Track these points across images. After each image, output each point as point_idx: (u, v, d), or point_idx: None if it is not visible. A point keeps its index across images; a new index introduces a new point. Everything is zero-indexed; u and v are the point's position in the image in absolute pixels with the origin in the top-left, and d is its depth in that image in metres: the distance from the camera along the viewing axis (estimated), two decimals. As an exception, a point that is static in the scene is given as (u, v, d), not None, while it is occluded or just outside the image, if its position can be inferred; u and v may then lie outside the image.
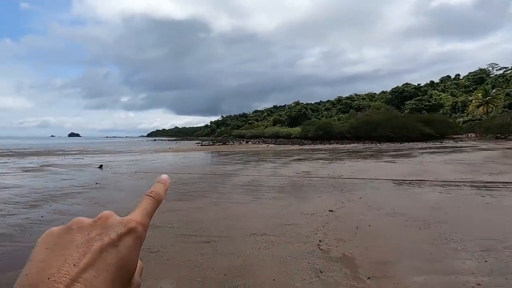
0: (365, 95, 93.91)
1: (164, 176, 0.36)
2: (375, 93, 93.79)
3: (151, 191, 0.34)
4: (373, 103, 71.74)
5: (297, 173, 9.60)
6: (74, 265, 0.24)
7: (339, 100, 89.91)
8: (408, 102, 64.16)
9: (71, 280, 0.23)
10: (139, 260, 0.29)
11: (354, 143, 38.84)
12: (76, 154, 21.99)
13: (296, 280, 2.50)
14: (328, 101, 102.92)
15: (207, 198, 5.99)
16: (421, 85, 77.96)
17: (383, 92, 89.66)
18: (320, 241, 3.38)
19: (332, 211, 4.70)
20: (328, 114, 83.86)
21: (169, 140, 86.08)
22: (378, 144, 34.59)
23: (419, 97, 64.46)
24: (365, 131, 42.06)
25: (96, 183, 7.93)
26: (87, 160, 16.03)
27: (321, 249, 3.14)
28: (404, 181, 7.52)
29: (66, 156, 19.15)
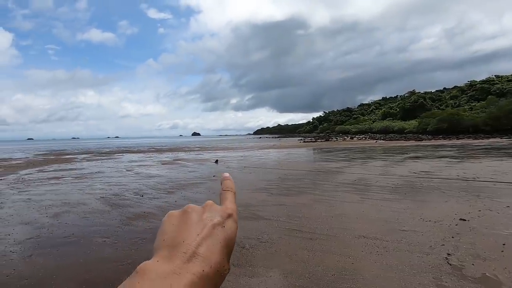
0: (511, 75, 72.99)
1: (227, 174, 0.44)
2: (527, 72, 71.43)
3: (227, 187, 0.41)
4: (526, 85, 54.78)
5: (414, 172, 8.37)
6: (198, 235, 0.31)
7: (471, 85, 72.96)
8: None
9: (198, 244, 0.30)
10: None
11: (493, 137, 30.82)
12: (197, 150, 25.86)
13: (417, 295, 2.19)
14: (454, 87, 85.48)
15: (311, 194, 5.96)
16: None
17: (542, 70, 67.31)
18: (448, 254, 2.84)
19: (465, 220, 3.87)
20: (454, 103, 69.51)
21: (272, 137, 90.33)
22: (535, 139, 26.34)
23: None
24: (511, 122, 32.74)
25: (214, 176, 9.10)
26: (206, 156, 18.59)
27: (450, 264, 2.63)
28: None
29: (190, 152, 22.77)
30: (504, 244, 3.03)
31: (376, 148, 21.41)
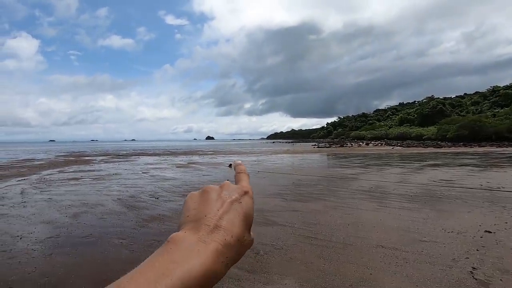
0: (538, 81, 69.72)
1: (238, 160, 0.47)
2: (556, 77, 67.90)
3: (241, 170, 0.44)
4: (554, 91, 52.01)
5: (434, 181, 8.08)
6: (218, 210, 0.34)
7: (494, 90, 70.21)
8: None
9: (219, 218, 0.33)
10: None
11: (519, 145, 29.37)
12: (211, 154, 26.07)
13: (441, 310, 2.08)
14: (476, 93, 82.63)
15: (325, 201, 5.86)
16: None
17: None
18: (474, 268, 2.70)
19: (490, 232, 3.68)
20: (476, 109, 66.99)
21: (286, 142, 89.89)
22: None
23: None
24: (540, 130, 31.23)
25: (227, 180, 9.10)
26: (220, 159, 18.70)
27: (476, 279, 2.50)
28: None
29: (204, 156, 22.98)
30: (534, 259, 2.85)
31: (393, 155, 20.88)
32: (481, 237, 3.52)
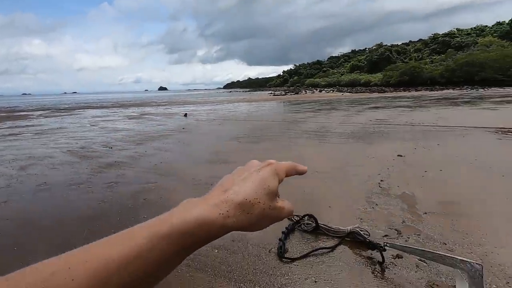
0: (470, 29, 75.87)
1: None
2: (485, 26, 74.64)
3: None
4: (482, 39, 57.74)
5: (370, 120, 9.15)
6: (235, 179, 0.38)
7: (434, 38, 75.20)
8: (534, 34, 49.43)
9: (233, 184, 0.37)
10: (286, 201, 0.41)
11: (447, 89, 33.22)
12: (165, 105, 25.12)
13: (351, 209, 2.75)
14: (419, 40, 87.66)
15: (276, 141, 6.43)
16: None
17: (498, 24, 70.54)
18: (381, 180, 3.46)
19: (402, 156, 4.57)
20: (418, 56, 71.98)
21: (243, 91, 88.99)
22: (481, 90, 28.87)
23: (553, 26, 48.93)
24: (464, 75, 35.14)
25: (183, 128, 9.22)
26: (175, 110, 18.26)
27: (381, 187, 3.25)
28: (501, 130, 6.47)
29: (158, 107, 22.12)
30: (425, 171, 3.73)
31: (341, 100, 22.33)
32: (393, 159, 4.37)
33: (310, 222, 2.39)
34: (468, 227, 2.32)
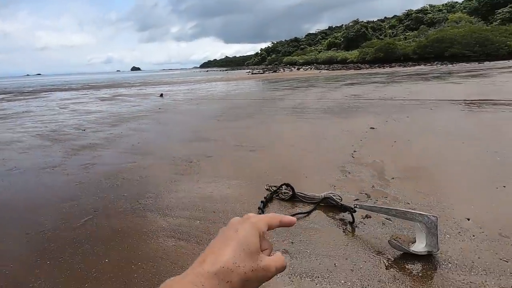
0: (442, 5, 77.46)
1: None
2: (456, 2, 76.50)
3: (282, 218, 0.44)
4: (452, 16, 59.37)
5: (346, 96, 9.38)
6: (214, 245, 0.37)
7: (408, 14, 76.33)
8: (499, 11, 51.32)
9: (211, 252, 0.36)
10: (275, 256, 0.39)
11: (419, 65, 34.34)
12: (139, 85, 24.13)
13: (325, 178, 2.91)
14: (394, 17, 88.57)
15: (254, 119, 6.48)
16: (525, -15, 60.54)
17: (467, 0, 72.48)
18: (354, 151, 3.65)
19: (374, 128, 4.79)
20: (392, 33, 73.11)
21: (220, 70, 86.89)
22: (450, 65, 30.13)
23: (517, 3, 50.99)
24: (435, 51, 36.34)
25: (159, 108, 9.00)
26: (150, 90, 17.63)
27: (353, 157, 3.43)
28: (464, 101, 6.91)
29: (132, 88, 21.22)
30: (395, 141, 3.96)
31: (318, 78, 22.52)
32: (366, 132, 4.59)
33: (287, 191, 2.52)
34: (430, 188, 2.55)
